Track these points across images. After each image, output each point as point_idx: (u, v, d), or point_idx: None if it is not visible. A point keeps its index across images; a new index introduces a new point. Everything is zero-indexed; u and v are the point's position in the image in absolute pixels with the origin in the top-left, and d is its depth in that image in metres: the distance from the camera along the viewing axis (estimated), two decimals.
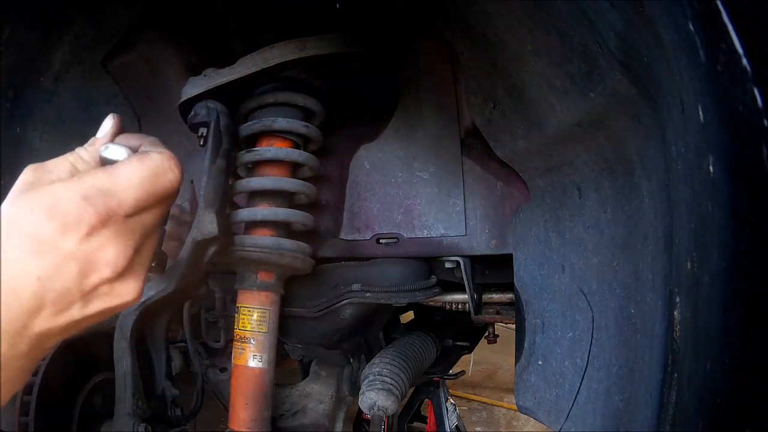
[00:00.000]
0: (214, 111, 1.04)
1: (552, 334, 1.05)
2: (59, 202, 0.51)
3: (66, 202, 0.52)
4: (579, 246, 0.97)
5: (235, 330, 1.17)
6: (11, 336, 0.51)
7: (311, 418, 1.44)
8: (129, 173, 0.55)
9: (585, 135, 0.84)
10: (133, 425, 1.09)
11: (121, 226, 0.54)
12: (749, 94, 0.37)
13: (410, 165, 1.23)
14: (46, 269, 0.51)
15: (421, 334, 1.59)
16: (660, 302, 0.66)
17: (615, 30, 0.60)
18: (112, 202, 0.53)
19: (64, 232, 0.51)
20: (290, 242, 1.15)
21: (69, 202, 0.52)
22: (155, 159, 0.57)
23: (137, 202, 0.55)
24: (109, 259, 0.54)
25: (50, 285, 0.51)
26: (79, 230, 0.51)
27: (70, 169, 0.56)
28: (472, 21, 0.89)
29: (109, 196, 0.53)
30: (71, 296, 0.53)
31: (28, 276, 0.51)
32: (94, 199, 0.52)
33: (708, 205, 0.44)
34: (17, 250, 0.50)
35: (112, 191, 0.53)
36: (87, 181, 0.53)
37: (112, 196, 0.53)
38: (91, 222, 0.52)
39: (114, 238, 0.54)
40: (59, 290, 0.52)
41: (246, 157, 1.14)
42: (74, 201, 0.52)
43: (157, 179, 0.57)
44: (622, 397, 0.82)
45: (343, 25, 1.15)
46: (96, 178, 0.54)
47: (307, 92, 1.16)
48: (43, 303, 0.51)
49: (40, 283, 0.51)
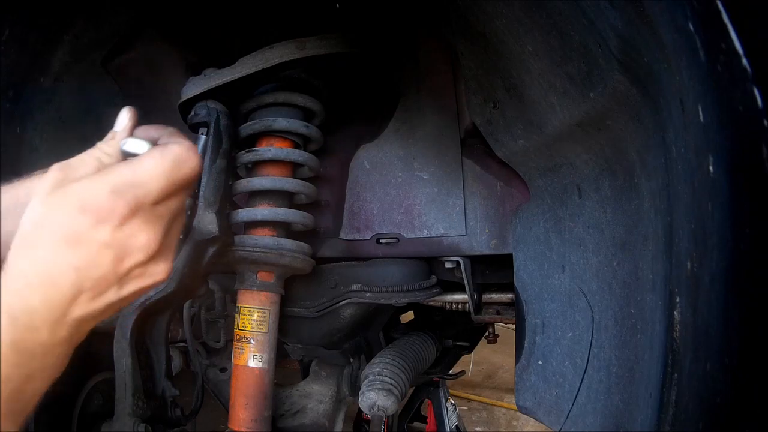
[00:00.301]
0: (214, 111, 1.04)
1: (552, 334, 1.05)
2: (90, 197, 0.55)
3: (96, 197, 0.55)
4: (579, 246, 0.97)
5: (235, 330, 1.17)
6: (52, 324, 0.54)
7: (311, 418, 1.44)
8: (152, 165, 0.58)
9: (585, 135, 0.84)
10: (133, 425, 1.09)
11: (149, 213, 0.58)
12: (749, 94, 0.37)
13: (410, 165, 1.23)
14: (83, 259, 0.55)
15: (421, 334, 1.59)
16: (660, 302, 0.66)
17: (615, 30, 0.60)
18: (140, 193, 0.57)
19: (98, 224, 0.55)
20: (290, 242, 1.15)
21: (99, 196, 0.55)
22: (175, 150, 0.60)
23: (162, 190, 0.59)
24: (141, 244, 0.58)
25: (87, 273, 0.55)
26: (111, 221, 0.55)
27: (96, 165, 0.60)
28: (472, 21, 0.89)
29: (137, 187, 0.57)
30: (108, 281, 0.57)
31: (66, 267, 0.54)
32: (123, 192, 0.56)
33: (708, 205, 0.44)
34: (53, 245, 0.54)
35: (139, 182, 0.57)
36: (114, 175, 0.57)
37: (139, 187, 0.57)
38: (122, 213, 0.56)
39: (144, 224, 0.58)
40: (96, 277, 0.56)
41: (246, 157, 1.14)
42: (104, 195, 0.55)
43: (179, 168, 0.60)
44: (622, 397, 0.82)
45: (343, 25, 1.15)
46: (122, 172, 0.57)
47: (307, 92, 1.16)
48: (81, 290, 0.55)
49: (78, 273, 0.55)
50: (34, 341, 0.54)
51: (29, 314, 0.53)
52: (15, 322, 0.52)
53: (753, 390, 0.40)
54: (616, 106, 0.72)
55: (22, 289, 0.53)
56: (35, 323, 0.54)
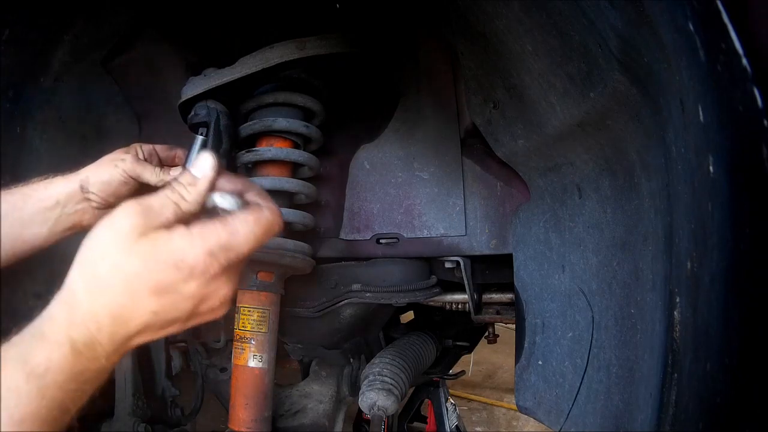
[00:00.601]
0: (214, 111, 1.04)
1: (552, 334, 1.05)
2: (186, 257, 0.56)
3: (193, 258, 0.56)
4: (579, 246, 0.97)
5: (235, 330, 1.17)
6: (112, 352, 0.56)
7: (311, 418, 1.44)
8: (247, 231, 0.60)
9: (585, 135, 0.84)
10: (133, 425, 1.09)
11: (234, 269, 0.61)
12: (749, 94, 0.37)
13: (410, 165, 1.23)
14: (164, 305, 0.56)
15: (421, 334, 1.59)
16: (660, 302, 0.66)
17: (615, 30, 0.60)
18: (233, 256, 0.58)
19: (189, 280, 0.56)
20: (290, 242, 1.15)
21: (196, 257, 0.56)
22: (269, 218, 0.62)
23: (251, 252, 0.61)
24: (223, 296, 0.60)
25: (163, 317, 0.57)
26: (203, 278, 0.57)
27: (175, 210, 0.60)
28: (472, 21, 0.89)
29: (230, 250, 0.58)
30: (179, 322, 0.59)
31: (144, 312, 0.56)
32: (218, 255, 0.57)
33: (708, 205, 0.44)
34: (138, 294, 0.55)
35: (233, 247, 0.58)
36: (211, 237, 0.57)
37: (233, 251, 0.58)
38: (215, 273, 0.58)
39: (228, 278, 0.60)
40: (170, 320, 0.58)
41: (246, 157, 1.14)
42: (201, 257, 0.56)
43: (269, 235, 0.62)
44: (622, 397, 0.82)
45: (343, 25, 1.15)
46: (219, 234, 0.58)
47: (307, 92, 1.16)
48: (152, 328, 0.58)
49: (155, 316, 0.56)
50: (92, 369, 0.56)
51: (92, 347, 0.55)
52: (78, 356, 0.54)
53: (753, 390, 0.40)
54: (616, 106, 0.72)
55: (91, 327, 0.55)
56: (97, 355, 0.55)
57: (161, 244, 0.56)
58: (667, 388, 0.56)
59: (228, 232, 0.58)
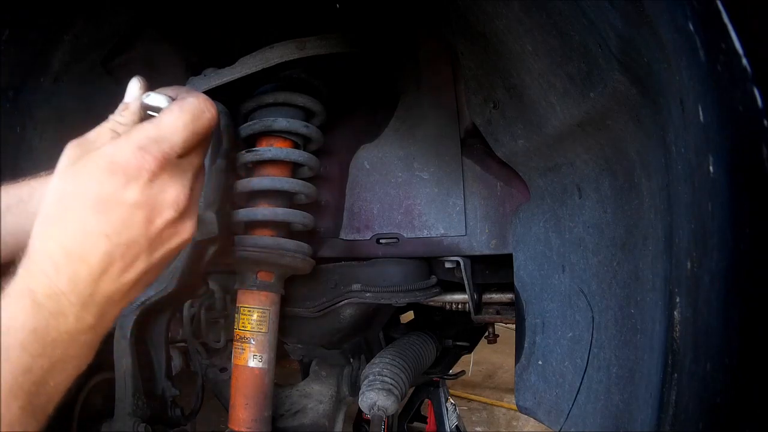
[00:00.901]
0: None
1: (552, 334, 1.05)
2: (116, 158, 0.54)
3: (123, 156, 0.54)
4: (579, 246, 0.97)
5: (235, 330, 1.17)
6: (78, 307, 0.52)
7: (311, 418, 1.44)
8: (173, 118, 0.58)
9: (585, 135, 0.84)
10: (133, 425, 1.09)
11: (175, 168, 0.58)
12: (749, 94, 0.37)
13: (410, 165, 1.23)
14: (114, 224, 0.53)
15: (421, 334, 1.59)
16: (660, 302, 0.66)
17: (615, 30, 0.60)
18: (165, 146, 0.56)
19: (127, 183, 0.54)
20: (290, 242, 1.15)
21: (126, 155, 0.54)
22: (193, 102, 0.60)
23: (185, 142, 0.59)
24: (172, 200, 0.57)
25: (118, 239, 0.54)
26: (141, 178, 0.54)
27: (112, 135, 0.59)
28: (472, 21, 0.89)
29: (161, 141, 0.56)
30: (138, 246, 0.56)
31: (96, 236, 0.53)
32: (149, 147, 0.55)
33: (708, 205, 0.44)
34: (81, 214, 0.53)
35: (162, 137, 0.57)
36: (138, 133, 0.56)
37: (163, 141, 0.57)
38: (152, 168, 0.55)
39: (172, 179, 0.57)
40: (127, 242, 0.54)
41: (246, 157, 1.14)
42: (131, 153, 0.54)
43: (198, 120, 0.60)
44: (622, 397, 0.82)
45: (343, 25, 1.15)
46: (145, 129, 0.57)
47: (307, 92, 1.16)
48: (112, 260, 0.54)
49: (109, 240, 0.53)
50: (58, 328, 0.51)
51: (55, 298, 0.51)
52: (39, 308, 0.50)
53: (753, 390, 0.40)
54: (616, 106, 0.72)
55: (48, 270, 0.51)
56: (61, 308, 0.51)
57: (93, 157, 0.55)
58: (667, 388, 0.56)
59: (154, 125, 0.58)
